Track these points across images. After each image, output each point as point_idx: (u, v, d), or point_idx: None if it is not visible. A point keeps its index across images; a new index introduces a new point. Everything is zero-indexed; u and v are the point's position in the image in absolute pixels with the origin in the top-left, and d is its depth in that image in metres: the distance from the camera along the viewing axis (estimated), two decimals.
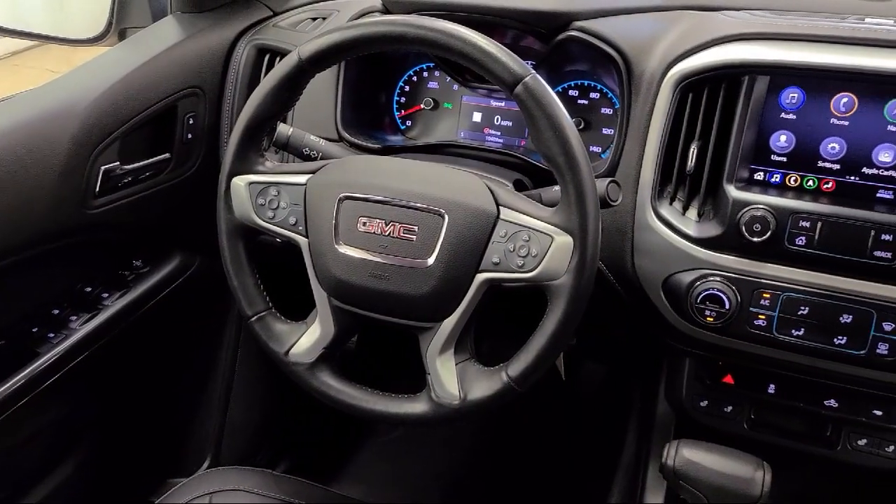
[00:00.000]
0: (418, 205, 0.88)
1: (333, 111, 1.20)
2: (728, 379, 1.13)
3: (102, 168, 1.09)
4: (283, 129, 1.04)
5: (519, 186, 1.05)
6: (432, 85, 1.27)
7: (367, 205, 0.90)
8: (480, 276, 0.87)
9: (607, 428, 1.63)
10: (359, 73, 1.22)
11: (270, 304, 0.99)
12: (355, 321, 0.95)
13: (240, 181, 0.96)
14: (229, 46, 1.26)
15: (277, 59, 1.24)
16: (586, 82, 1.17)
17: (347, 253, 0.91)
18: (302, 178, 0.95)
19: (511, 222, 0.86)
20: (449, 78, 1.24)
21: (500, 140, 1.23)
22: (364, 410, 0.95)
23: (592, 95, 1.17)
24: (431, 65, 1.26)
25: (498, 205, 0.87)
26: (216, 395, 1.53)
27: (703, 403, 1.15)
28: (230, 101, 1.26)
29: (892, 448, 1.08)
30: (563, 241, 0.83)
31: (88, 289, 1.24)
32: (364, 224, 0.90)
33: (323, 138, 1.08)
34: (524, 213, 0.86)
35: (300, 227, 0.94)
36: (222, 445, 1.54)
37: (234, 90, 1.25)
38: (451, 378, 0.90)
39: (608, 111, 1.17)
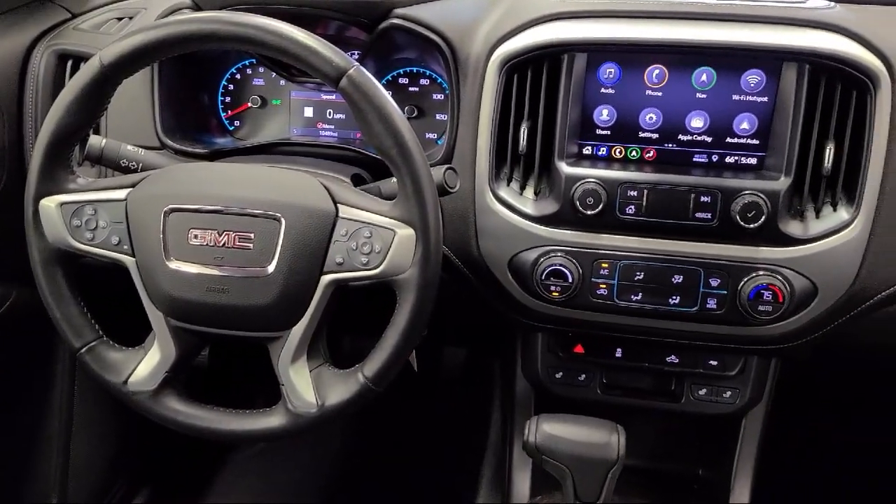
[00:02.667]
0: (252, 211, 0.85)
1: (152, 117, 1.13)
2: (578, 349, 1.17)
3: None
4: (94, 140, 0.96)
5: (357, 181, 1.03)
6: (258, 82, 1.22)
7: (197, 216, 0.86)
8: (325, 278, 0.84)
9: (474, 410, 1.66)
10: (176, 75, 1.15)
11: (101, 332, 0.92)
12: (198, 339, 0.91)
13: (49, 203, 0.88)
14: (24, 54, 1.15)
15: (82, 64, 1.14)
16: (415, 69, 1.16)
17: (180, 269, 0.86)
18: (121, 193, 0.88)
19: (351, 220, 0.84)
20: (275, 73, 1.20)
21: (335, 134, 1.21)
22: (217, 432, 0.90)
23: (423, 82, 1.17)
24: (255, 61, 1.21)
25: (336, 203, 0.85)
26: (54, 433, 1.41)
27: (559, 375, 1.19)
28: (32, 114, 1.15)
29: (728, 394, 1.16)
30: (406, 233, 0.82)
31: None
32: (196, 236, 0.86)
33: (142, 147, 1.01)
34: (363, 210, 0.84)
35: (125, 247, 0.88)
36: (68, 486, 1.43)
37: (36, 103, 1.14)
38: (306, 386, 0.88)
39: (440, 97, 1.17)
